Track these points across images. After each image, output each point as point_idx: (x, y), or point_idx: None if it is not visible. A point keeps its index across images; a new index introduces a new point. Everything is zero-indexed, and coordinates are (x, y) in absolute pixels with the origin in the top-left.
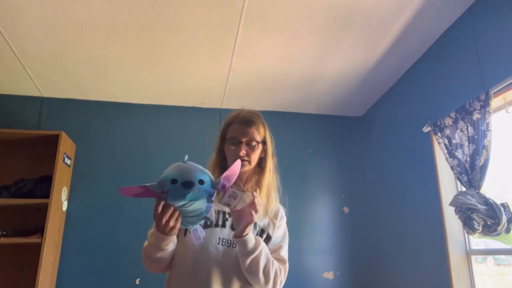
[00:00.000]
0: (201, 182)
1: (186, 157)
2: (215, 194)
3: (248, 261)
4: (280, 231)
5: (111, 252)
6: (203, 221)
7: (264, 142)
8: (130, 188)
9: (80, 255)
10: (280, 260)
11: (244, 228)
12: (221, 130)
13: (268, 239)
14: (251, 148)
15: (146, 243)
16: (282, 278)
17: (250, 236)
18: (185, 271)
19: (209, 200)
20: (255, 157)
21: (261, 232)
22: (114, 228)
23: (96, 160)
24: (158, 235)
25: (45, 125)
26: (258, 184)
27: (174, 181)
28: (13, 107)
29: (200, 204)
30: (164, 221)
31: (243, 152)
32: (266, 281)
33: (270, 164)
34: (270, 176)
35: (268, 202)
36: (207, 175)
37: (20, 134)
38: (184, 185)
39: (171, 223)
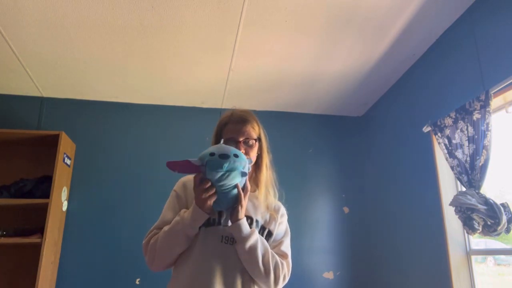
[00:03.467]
0: (236, 155)
1: (222, 141)
2: (248, 169)
3: (246, 247)
4: (282, 227)
5: (111, 252)
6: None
7: (259, 139)
8: (174, 162)
9: (80, 255)
10: (281, 255)
11: (237, 211)
12: (215, 132)
13: (269, 235)
14: (249, 147)
15: (161, 231)
16: (286, 273)
17: (245, 222)
18: (189, 269)
19: (243, 174)
20: (253, 154)
21: (262, 229)
22: (114, 228)
23: (96, 160)
24: (196, 209)
25: (45, 125)
26: (256, 181)
27: (212, 154)
28: (13, 107)
29: (235, 177)
30: (202, 195)
31: (242, 151)
32: (267, 272)
33: (266, 160)
34: (267, 172)
35: (267, 198)
36: (240, 152)
37: (20, 134)
38: (221, 156)
39: (203, 196)
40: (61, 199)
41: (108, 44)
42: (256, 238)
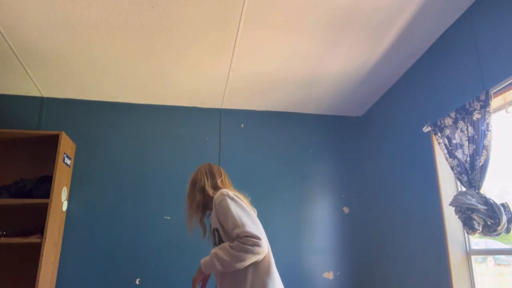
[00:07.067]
0: None
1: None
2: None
3: (219, 269)
4: (219, 216)
5: (111, 252)
6: None
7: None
8: None
9: (80, 255)
10: (233, 238)
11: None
12: None
13: (218, 231)
14: None
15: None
16: (240, 246)
17: (203, 262)
18: None
19: None
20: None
21: (213, 230)
22: (114, 227)
23: (96, 160)
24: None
25: (45, 125)
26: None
27: None
28: (13, 107)
29: None
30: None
31: None
32: (237, 262)
33: (194, 198)
34: (189, 207)
35: (212, 212)
36: None
37: (20, 134)
38: None
39: None
40: (61, 199)
41: (108, 44)
42: (212, 261)
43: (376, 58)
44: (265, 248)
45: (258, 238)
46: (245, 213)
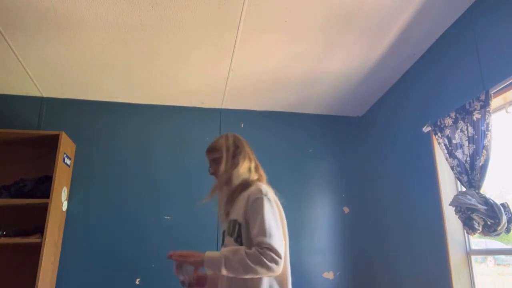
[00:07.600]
0: None
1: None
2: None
3: (224, 273)
4: (248, 213)
5: (111, 252)
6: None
7: (219, 158)
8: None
9: (80, 255)
10: (254, 244)
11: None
12: None
13: (240, 226)
14: (215, 164)
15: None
16: (259, 257)
17: (207, 259)
18: None
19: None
20: (217, 169)
21: (234, 222)
22: (114, 228)
23: (96, 160)
24: None
25: (45, 125)
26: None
27: None
28: (13, 107)
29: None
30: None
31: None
32: (245, 272)
33: (222, 167)
34: (224, 175)
35: (239, 196)
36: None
37: (20, 134)
38: None
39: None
40: (61, 199)
41: (108, 44)
42: (220, 263)
43: (376, 58)
44: (280, 268)
45: (279, 256)
46: (276, 225)
